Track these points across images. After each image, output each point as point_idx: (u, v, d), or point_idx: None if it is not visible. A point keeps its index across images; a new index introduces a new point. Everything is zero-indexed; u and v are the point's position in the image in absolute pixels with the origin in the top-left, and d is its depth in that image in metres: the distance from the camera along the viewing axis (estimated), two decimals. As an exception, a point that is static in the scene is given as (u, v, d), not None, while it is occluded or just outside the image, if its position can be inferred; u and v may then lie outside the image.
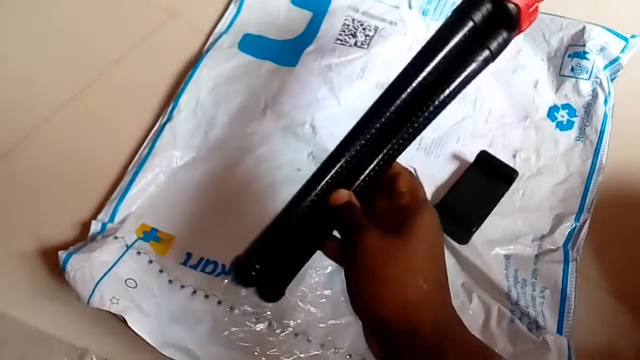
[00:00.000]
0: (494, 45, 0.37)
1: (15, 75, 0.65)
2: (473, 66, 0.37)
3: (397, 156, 0.39)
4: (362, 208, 0.37)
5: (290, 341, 0.49)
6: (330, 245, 0.39)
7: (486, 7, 0.37)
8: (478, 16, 0.37)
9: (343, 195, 0.37)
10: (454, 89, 0.37)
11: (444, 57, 0.37)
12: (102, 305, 0.46)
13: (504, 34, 0.37)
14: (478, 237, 0.54)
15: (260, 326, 0.49)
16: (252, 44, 0.68)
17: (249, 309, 0.50)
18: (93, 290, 0.47)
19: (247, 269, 0.39)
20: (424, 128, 0.38)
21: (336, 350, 0.49)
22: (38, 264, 0.53)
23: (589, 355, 0.50)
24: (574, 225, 0.56)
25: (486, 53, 0.37)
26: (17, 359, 0.48)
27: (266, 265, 0.39)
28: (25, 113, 0.62)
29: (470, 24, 0.37)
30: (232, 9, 0.70)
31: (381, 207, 0.39)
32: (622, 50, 0.65)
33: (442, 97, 0.37)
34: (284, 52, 0.67)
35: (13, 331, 0.49)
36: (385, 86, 0.40)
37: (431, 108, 0.37)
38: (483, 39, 0.37)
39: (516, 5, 0.36)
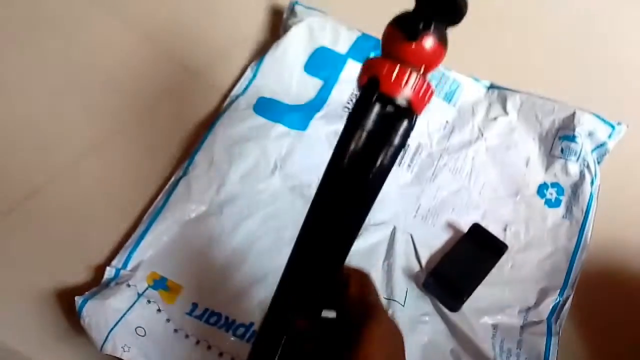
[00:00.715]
0: (396, 139, 0.34)
1: (34, 123, 0.69)
2: (382, 163, 0.34)
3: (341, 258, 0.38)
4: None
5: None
6: None
7: (375, 110, 0.33)
8: (369, 122, 0.33)
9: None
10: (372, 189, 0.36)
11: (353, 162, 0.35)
12: (114, 353, 0.49)
13: (405, 124, 0.34)
14: (468, 305, 0.58)
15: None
16: (266, 107, 0.72)
17: (249, 362, 0.53)
18: (107, 337, 0.50)
19: None
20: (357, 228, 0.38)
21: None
22: (52, 305, 0.56)
23: None
24: (558, 299, 0.60)
25: (391, 149, 0.34)
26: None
27: None
28: (45, 161, 0.66)
29: (363, 131, 0.33)
30: (248, 73, 0.75)
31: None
32: (609, 136, 0.70)
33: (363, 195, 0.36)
34: (295, 116, 0.72)
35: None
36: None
37: (355, 206, 0.36)
38: (385, 134, 0.34)
39: (407, 99, 0.33)
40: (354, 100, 0.73)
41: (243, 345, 0.54)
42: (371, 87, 0.32)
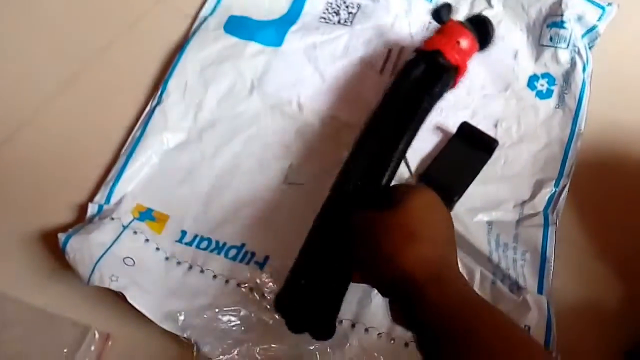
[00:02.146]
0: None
1: (5, 64, 0.67)
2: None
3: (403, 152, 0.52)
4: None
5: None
6: None
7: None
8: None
9: None
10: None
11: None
12: (102, 283, 0.48)
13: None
14: (461, 205, 0.56)
15: (254, 297, 0.52)
16: (237, 26, 0.69)
17: (243, 281, 0.52)
18: (93, 270, 0.49)
19: (292, 309, 0.46)
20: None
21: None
22: (38, 246, 0.55)
23: (570, 314, 0.53)
24: (553, 190, 0.58)
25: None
26: (23, 337, 0.50)
27: (310, 299, 0.46)
28: (17, 102, 0.64)
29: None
30: (215, -9, 0.71)
31: None
32: (599, 19, 0.66)
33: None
34: (269, 32, 0.68)
35: (18, 311, 0.51)
36: (369, 62, 0.46)
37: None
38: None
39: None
40: (332, 7, 0.70)
41: (236, 265, 0.53)
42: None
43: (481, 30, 0.58)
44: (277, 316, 0.49)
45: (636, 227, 0.58)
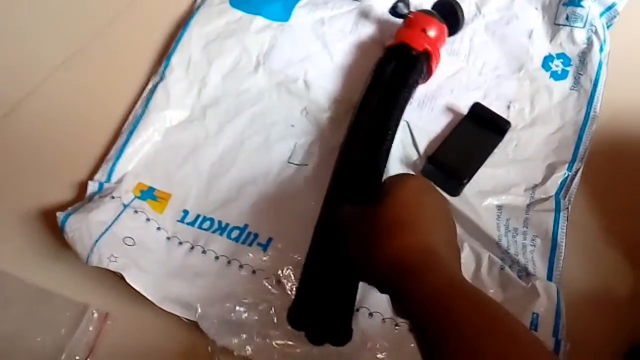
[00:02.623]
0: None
1: (5, 41, 0.65)
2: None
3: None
4: None
5: (288, 296, 0.50)
6: None
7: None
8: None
9: None
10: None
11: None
12: (100, 264, 0.47)
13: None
14: (470, 188, 0.55)
15: (257, 279, 0.51)
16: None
17: (246, 262, 0.51)
18: (92, 250, 0.48)
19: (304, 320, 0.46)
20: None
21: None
22: (38, 224, 0.54)
23: (580, 301, 0.51)
24: (566, 174, 0.56)
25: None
26: (21, 315, 0.49)
27: (324, 310, 0.46)
28: (19, 78, 0.63)
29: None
30: (221, -36, 0.69)
31: None
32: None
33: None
34: (276, 6, 0.66)
35: (17, 289, 0.50)
36: (380, 40, 0.45)
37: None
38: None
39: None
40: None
41: (239, 247, 0.52)
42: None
43: (449, 15, 0.60)
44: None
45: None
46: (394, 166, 0.56)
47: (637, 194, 0.57)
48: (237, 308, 0.49)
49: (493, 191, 0.55)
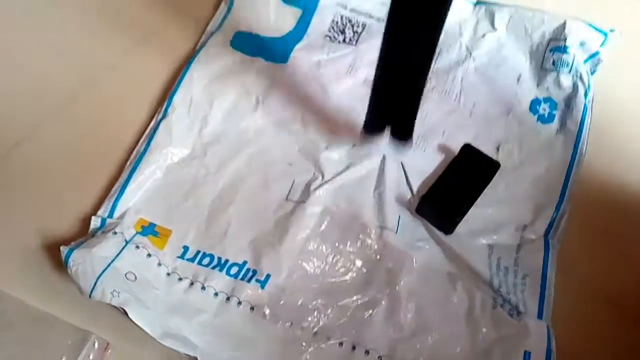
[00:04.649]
0: None
1: (15, 76, 0.67)
2: None
3: None
4: None
5: (285, 332, 0.51)
6: None
7: None
8: None
9: None
10: None
11: None
12: (103, 299, 0.48)
13: None
14: (462, 227, 0.57)
15: (255, 316, 0.52)
16: (243, 42, 0.69)
17: (245, 299, 0.52)
18: (95, 285, 0.49)
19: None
20: None
21: (329, 339, 0.51)
22: (43, 257, 0.56)
23: (573, 340, 0.53)
24: (554, 214, 0.58)
25: None
26: (23, 339, 0.50)
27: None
28: (27, 113, 0.64)
29: None
30: (222, 7, 0.72)
31: None
32: (602, 44, 0.67)
33: None
34: (275, 49, 0.69)
35: (20, 313, 0.51)
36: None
37: None
38: None
39: None
40: (338, 26, 0.71)
41: (237, 283, 0.53)
42: None
43: None
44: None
45: (636, 258, 0.58)
46: (389, 204, 0.58)
47: (623, 233, 0.60)
48: (237, 345, 0.50)
49: (484, 231, 0.57)
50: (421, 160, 0.62)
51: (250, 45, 0.69)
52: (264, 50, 0.69)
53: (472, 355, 0.50)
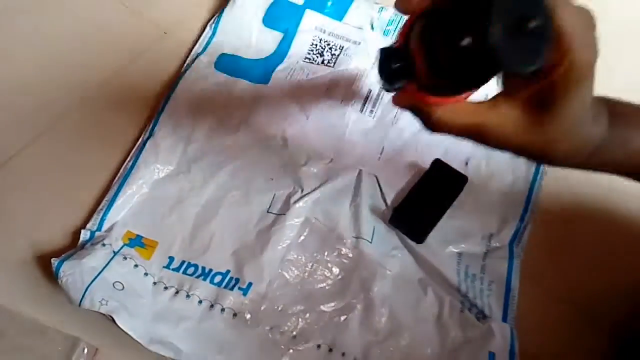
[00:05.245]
0: None
1: (6, 90, 0.70)
2: None
3: None
4: None
5: (265, 335, 0.54)
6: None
7: None
8: None
9: None
10: None
11: None
12: (92, 307, 0.51)
13: None
14: (433, 237, 0.60)
15: (237, 322, 0.54)
16: (227, 64, 0.73)
17: (228, 306, 0.55)
18: (84, 294, 0.52)
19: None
20: None
21: (307, 342, 0.54)
22: (33, 268, 0.58)
23: (535, 342, 0.57)
24: (519, 225, 0.62)
25: None
26: (13, 348, 0.53)
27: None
28: (16, 128, 0.67)
29: None
30: (207, 31, 0.76)
31: None
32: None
33: None
34: (257, 70, 0.73)
35: (9, 321, 0.53)
36: (350, 102, 0.44)
37: None
38: None
39: None
40: (317, 49, 0.75)
41: (220, 291, 0.56)
42: None
43: None
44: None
45: (596, 265, 0.62)
46: (364, 216, 0.62)
47: (584, 242, 0.64)
48: (220, 349, 0.52)
49: (453, 240, 0.61)
50: (395, 174, 0.66)
51: (234, 67, 0.73)
52: (247, 72, 0.72)
53: (441, 356, 0.53)
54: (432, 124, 0.37)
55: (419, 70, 0.35)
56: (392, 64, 0.37)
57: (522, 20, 0.30)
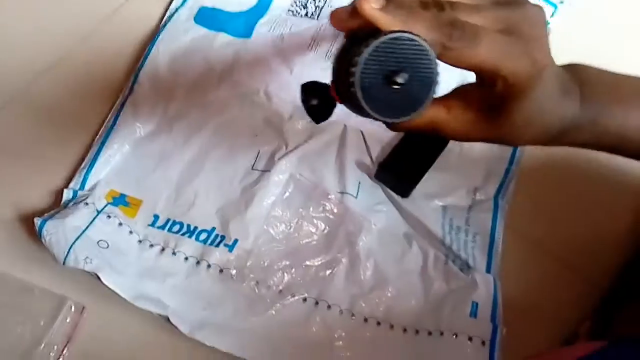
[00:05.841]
0: None
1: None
2: None
3: None
4: None
5: (251, 290, 0.54)
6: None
7: None
8: None
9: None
10: None
11: None
12: (77, 265, 0.51)
13: None
14: (418, 191, 0.60)
15: (223, 278, 0.55)
16: (207, 17, 0.71)
17: (214, 262, 0.55)
18: (68, 252, 0.52)
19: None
20: None
21: (293, 295, 0.54)
22: (17, 228, 0.58)
23: (518, 294, 0.57)
24: (503, 178, 0.62)
25: None
26: (2, 306, 0.53)
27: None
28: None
29: None
30: (186, -17, 0.73)
31: None
32: (552, 15, 0.71)
33: None
34: (238, 24, 0.71)
35: (-1, 282, 0.53)
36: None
37: None
38: None
39: None
40: (300, 1, 0.73)
41: (206, 248, 0.56)
42: None
43: None
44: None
45: (582, 217, 0.62)
46: (350, 171, 0.61)
47: (567, 195, 0.64)
48: (207, 305, 0.53)
49: (438, 193, 0.61)
50: (381, 129, 0.64)
51: (214, 20, 0.71)
52: (228, 25, 0.70)
53: (425, 307, 0.54)
54: (390, 127, 0.39)
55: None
56: (311, 101, 0.39)
57: (391, 74, 0.32)
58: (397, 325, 0.53)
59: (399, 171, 0.60)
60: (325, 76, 0.64)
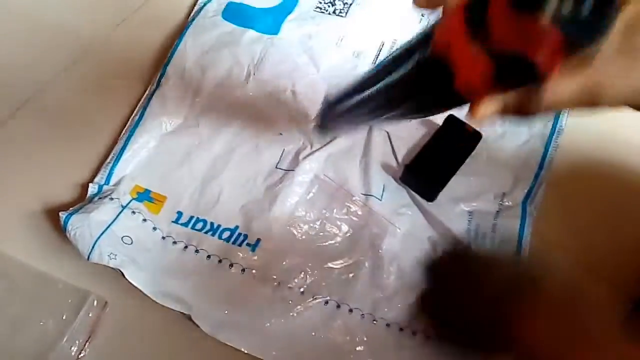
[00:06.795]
0: None
1: (12, 43, 0.68)
2: None
3: None
4: None
5: (273, 291, 0.54)
6: None
7: None
8: None
9: None
10: None
11: None
12: (101, 261, 0.51)
13: None
14: (444, 194, 0.59)
15: (245, 278, 0.55)
16: (235, 13, 0.71)
17: (236, 262, 0.55)
18: (92, 247, 0.52)
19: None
20: None
21: (315, 298, 0.54)
22: (43, 222, 0.58)
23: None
24: (532, 183, 0.61)
25: None
26: (26, 300, 0.53)
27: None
28: (23, 82, 0.66)
29: None
30: (215, -22, 0.73)
31: None
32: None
33: None
34: (266, 20, 0.70)
35: (23, 275, 0.54)
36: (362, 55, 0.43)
37: None
38: None
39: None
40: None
41: (229, 247, 0.56)
42: None
43: None
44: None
45: (610, 225, 0.61)
46: (374, 173, 0.61)
47: (599, 203, 0.62)
48: (228, 304, 0.53)
49: (465, 198, 0.60)
50: (407, 130, 0.64)
51: (242, 16, 0.70)
52: (255, 21, 0.70)
53: (449, 314, 0.53)
54: (539, 108, 0.33)
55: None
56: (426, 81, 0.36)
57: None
58: (420, 332, 0.52)
59: (425, 174, 0.59)
60: (351, 75, 0.63)
